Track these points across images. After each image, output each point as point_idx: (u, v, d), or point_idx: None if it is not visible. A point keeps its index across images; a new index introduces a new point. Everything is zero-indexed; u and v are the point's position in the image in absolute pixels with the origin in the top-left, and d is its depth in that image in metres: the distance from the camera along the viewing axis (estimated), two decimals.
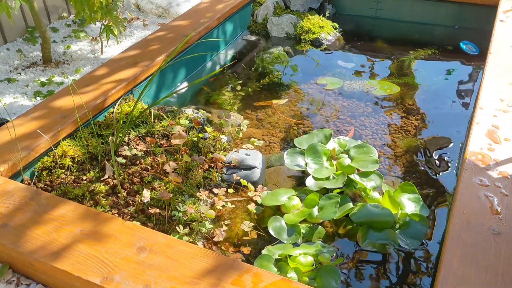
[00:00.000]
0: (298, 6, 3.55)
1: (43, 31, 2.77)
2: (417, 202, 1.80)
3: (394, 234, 1.68)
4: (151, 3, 3.76)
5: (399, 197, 1.81)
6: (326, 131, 2.16)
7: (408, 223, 1.73)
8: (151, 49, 2.56)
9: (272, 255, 1.58)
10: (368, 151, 2.02)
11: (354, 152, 2.04)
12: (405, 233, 1.70)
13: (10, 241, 1.38)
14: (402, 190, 1.83)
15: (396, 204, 1.74)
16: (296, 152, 2.07)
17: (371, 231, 1.69)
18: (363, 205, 1.77)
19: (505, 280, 1.26)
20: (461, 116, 2.46)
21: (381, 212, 1.72)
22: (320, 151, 2.02)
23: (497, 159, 1.70)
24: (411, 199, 1.81)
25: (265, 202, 1.83)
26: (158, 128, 2.09)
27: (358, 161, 1.98)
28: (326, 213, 1.74)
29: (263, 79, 2.81)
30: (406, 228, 1.72)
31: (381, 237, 1.68)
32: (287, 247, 1.63)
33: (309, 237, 1.70)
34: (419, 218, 1.73)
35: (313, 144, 2.05)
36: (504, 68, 2.28)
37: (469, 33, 3.37)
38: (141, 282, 1.24)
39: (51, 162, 1.84)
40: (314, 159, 2.01)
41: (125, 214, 1.69)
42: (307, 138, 2.15)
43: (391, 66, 2.99)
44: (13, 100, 2.52)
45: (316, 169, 1.97)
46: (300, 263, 1.53)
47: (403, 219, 1.74)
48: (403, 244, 1.66)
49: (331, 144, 2.10)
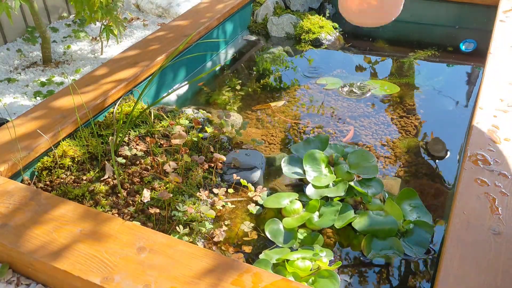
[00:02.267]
0: (298, 6, 3.55)
1: (43, 31, 2.77)
2: (420, 209, 1.77)
3: (398, 242, 1.65)
4: (151, 3, 3.76)
5: (402, 204, 1.78)
6: (322, 137, 2.13)
7: (412, 230, 1.69)
8: (151, 49, 2.56)
9: (270, 260, 1.56)
10: (367, 157, 1.99)
11: (352, 158, 2.00)
12: (409, 240, 1.66)
13: (10, 241, 1.38)
14: (404, 197, 1.80)
15: (399, 211, 1.71)
16: (293, 160, 2.04)
17: (376, 240, 1.65)
18: (366, 213, 1.73)
19: (505, 280, 1.26)
20: (461, 116, 2.46)
21: (384, 220, 1.69)
22: (318, 158, 1.99)
23: (497, 159, 1.70)
24: (413, 205, 1.78)
25: (266, 204, 1.82)
26: (158, 128, 2.09)
27: (357, 168, 1.95)
28: (325, 221, 1.72)
29: (263, 79, 2.81)
30: (411, 235, 1.68)
31: (386, 245, 1.64)
32: (285, 251, 1.62)
33: (307, 243, 1.67)
34: (423, 224, 1.70)
35: (311, 151, 2.01)
36: (504, 68, 2.28)
37: (469, 33, 3.37)
38: (141, 282, 1.25)
39: (51, 162, 1.84)
40: (313, 167, 1.97)
41: (125, 214, 1.69)
42: (304, 144, 2.12)
43: (391, 66, 3.00)
44: (13, 100, 2.52)
45: (315, 177, 1.93)
46: (298, 267, 1.51)
47: (407, 226, 1.70)
48: (409, 252, 1.62)
49: (328, 150, 2.08)
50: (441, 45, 3.23)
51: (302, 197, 1.86)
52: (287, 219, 1.75)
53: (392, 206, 1.72)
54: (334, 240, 1.71)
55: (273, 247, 1.67)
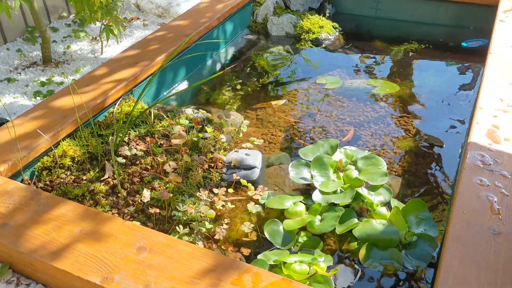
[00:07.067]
0: (298, 6, 3.55)
1: (43, 31, 2.77)
2: (427, 221, 1.71)
3: (399, 254, 1.61)
4: (151, 3, 3.76)
5: (408, 215, 1.74)
6: (332, 141, 2.08)
7: (415, 243, 1.64)
8: (151, 49, 2.56)
9: (268, 261, 1.55)
10: (377, 163, 1.94)
11: (361, 163, 1.96)
12: (411, 253, 1.62)
13: (10, 241, 1.38)
14: (412, 208, 1.75)
15: (403, 222, 1.66)
16: (301, 164, 1.99)
17: (375, 249, 1.62)
18: (368, 221, 1.70)
19: (505, 280, 1.26)
20: (461, 116, 2.46)
21: (386, 230, 1.65)
22: (326, 163, 1.94)
23: (497, 159, 1.70)
24: (420, 217, 1.72)
25: (269, 204, 1.81)
26: (158, 128, 2.09)
27: (366, 174, 1.90)
28: (325, 226, 1.70)
29: (263, 78, 2.81)
30: (413, 248, 1.63)
31: (385, 256, 1.60)
32: (285, 253, 1.60)
33: (306, 247, 1.66)
34: (427, 238, 1.65)
35: (319, 156, 1.97)
36: (504, 68, 2.28)
37: (469, 32, 3.37)
38: (141, 282, 1.25)
39: (51, 162, 1.84)
40: (321, 172, 1.92)
41: (125, 214, 1.69)
42: (312, 149, 2.07)
43: (391, 65, 3.00)
44: (13, 100, 2.52)
45: (322, 182, 1.88)
46: (295, 270, 1.50)
47: (409, 238, 1.66)
48: (408, 265, 1.58)
49: (337, 155, 2.03)
50: (441, 44, 3.23)
51: (307, 201, 1.84)
52: (288, 220, 1.75)
53: (396, 217, 1.68)
54: (335, 246, 1.70)
55: (273, 248, 1.67)
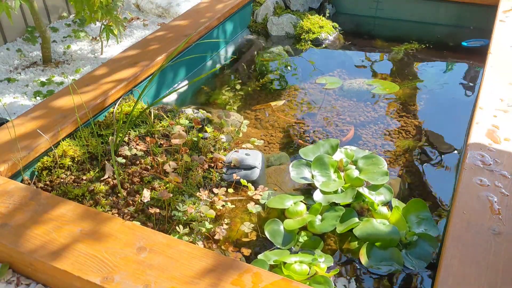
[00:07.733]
0: (298, 6, 3.55)
1: (43, 31, 2.77)
2: (428, 221, 1.71)
3: (399, 253, 1.61)
4: (151, 3, 3.76)
5: (409, 215, 1.74)
6: (332, 141, 2.08)
7: (416, 243, 1.65)
8: (151, 49, 2.56)
9: (268, 261, 1.55)
10: (377, 162, 1.94)
11: (362, 163, 1.96)
12: (411, 253, 1.62)
13: (10, 241, 1.38)
14: (412, 208, 1.76)
15: (403, 221, 1.67)
16: (302, 164, 2.00)
17: (375, 249, 1.62)
18: (369, 220, 1.70)
19: (505, 280, 1.26)
20: (461, 116, 2.46)
21: (386, 229, 1.65)
22: (327, 162, 1.94)
23: (497, 159, 1.70)
24: (421, 217, 1.73)
25: (270, 204, 1.81)
26: (158, 128, 2.09)
27: (367, 173, 1.90)
28: (325, 225, 1.70)
29: (263, 78, 2.81)
30: (413, 248, 1.63)
31: (386, 256, 1.60)
32: (285, 253, 1.60)
33: (307, 247, 1.66)
34: (427, 238, 1.65)
35: (320, 156, 1.97)
36: (504, 68, 2.28)
37: (469, 32, 3.37)
38: (141, 282, 1.25)
39: (51, 162, 1.84)
40: (321, 171, 1.93)
41: (125, 214, 1.69)
42: (313, 148, 2.07)
43: (391, 65, 3.00)
44: (13, 100, 2.52)
45: (323, 182, 1.89)
46: (295, 271, 1.50)
47: (410, 238, 1.66)
48: (409, 264, 1.58)
49: (338, 154, 2.03)
50: (442, 44, 3.23)
51: (308, 201, 1.84)
52: (289, 220, 1.74)
53: (396, 216, 1.68)
54: (336, 246, 1.70)
55: (273, 248, 1.67)
